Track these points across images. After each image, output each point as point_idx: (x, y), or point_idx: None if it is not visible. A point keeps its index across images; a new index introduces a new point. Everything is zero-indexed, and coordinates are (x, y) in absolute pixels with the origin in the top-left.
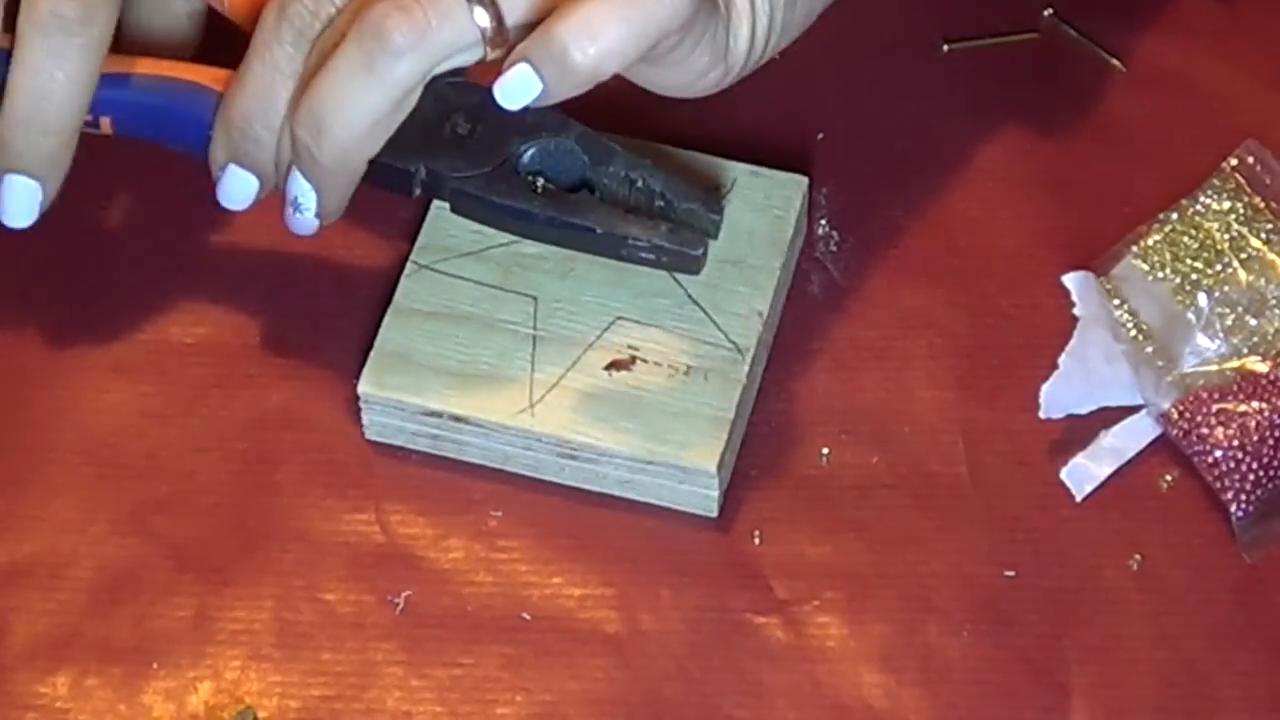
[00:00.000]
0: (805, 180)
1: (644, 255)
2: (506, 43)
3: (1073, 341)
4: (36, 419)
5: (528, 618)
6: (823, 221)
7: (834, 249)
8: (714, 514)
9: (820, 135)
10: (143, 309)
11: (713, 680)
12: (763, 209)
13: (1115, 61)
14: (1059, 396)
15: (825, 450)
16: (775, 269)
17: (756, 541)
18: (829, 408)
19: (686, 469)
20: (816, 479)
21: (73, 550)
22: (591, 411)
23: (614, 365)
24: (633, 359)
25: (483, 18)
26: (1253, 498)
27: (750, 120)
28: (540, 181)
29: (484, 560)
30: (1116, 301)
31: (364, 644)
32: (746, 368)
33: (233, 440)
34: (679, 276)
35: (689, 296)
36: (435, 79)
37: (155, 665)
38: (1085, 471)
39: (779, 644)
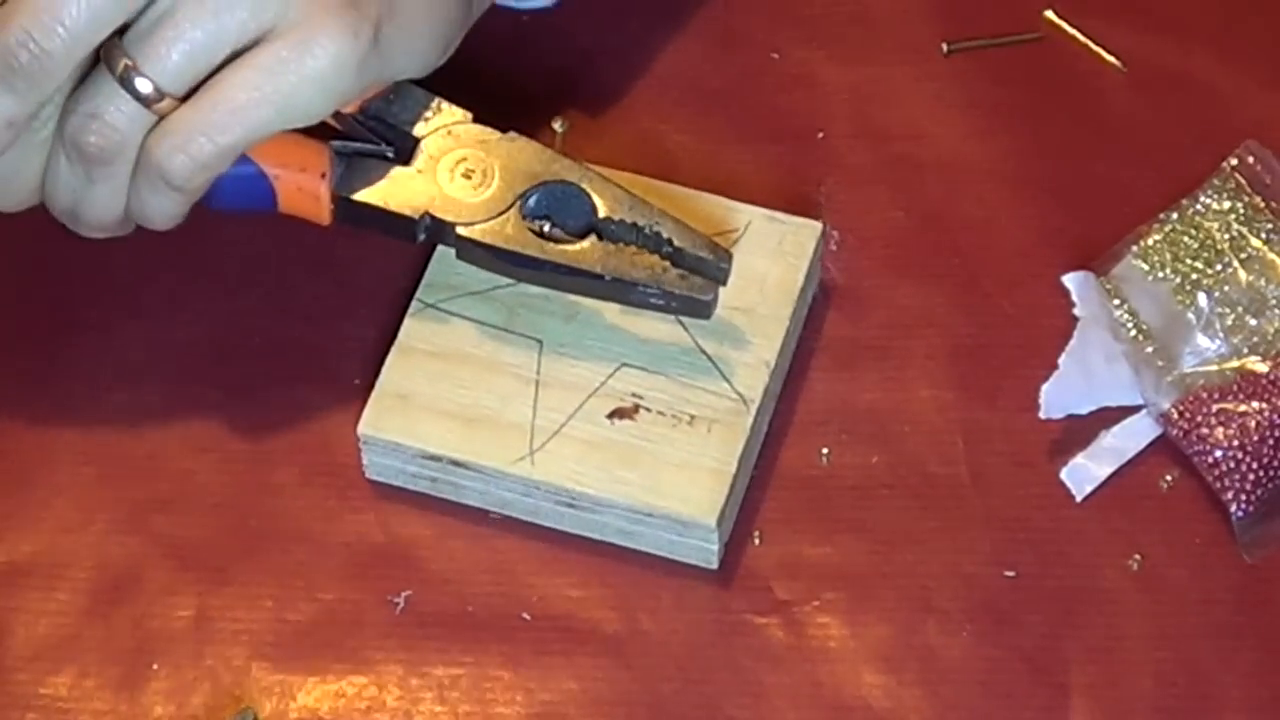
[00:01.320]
0: (819, 226)
1: (653, 301)
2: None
3: (1073, 341)
4: (37, 419)
5: (528, 618)
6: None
7: (834, 249)
8: (714, 567)
9: (820, 135)
10: (143, 309)
11: (713, 680)
12: (775, 255)
13: (1115, 61)
14: (1059, 396)
15: (825, 450)
16: (785, 318)
17: (756, 542)
18: (829, 408)
19: (686, 522)
20: (816, 479)
21: (73, 550)
22: (592, 460)
23: (617, 413)
24: (636, 407)
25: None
26: (1253, 498)
27: (749, 121)
28: (546, 226)
29: (484, 560)
30: (1116, 301)
31: (364, 644)
32: (751, 419)
33: (233, 440)
34: (686, 322)
35: (695, 344)
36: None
37: (155, 665)
38: (1085, 471)
39: (779, 644)
